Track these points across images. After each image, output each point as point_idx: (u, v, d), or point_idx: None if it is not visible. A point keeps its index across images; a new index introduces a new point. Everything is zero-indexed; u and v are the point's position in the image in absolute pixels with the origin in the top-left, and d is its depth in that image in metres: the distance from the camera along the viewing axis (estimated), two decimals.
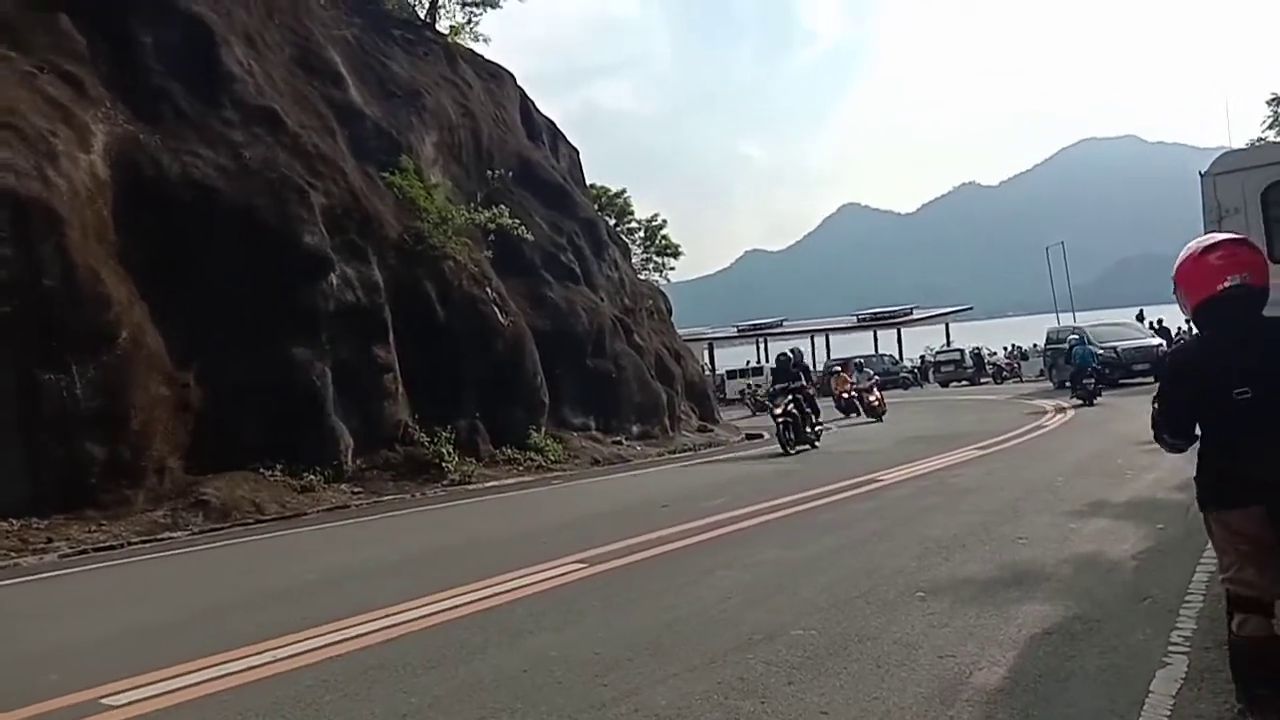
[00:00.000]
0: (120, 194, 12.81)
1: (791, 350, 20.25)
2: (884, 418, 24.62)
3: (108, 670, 4.97)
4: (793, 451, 16.98)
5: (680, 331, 33.01)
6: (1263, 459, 3.22)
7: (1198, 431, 3.48)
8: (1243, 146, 12.67)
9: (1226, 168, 4.95)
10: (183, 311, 12.83)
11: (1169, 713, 3.71)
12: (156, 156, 13.49)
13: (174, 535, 11.06)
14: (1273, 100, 20.33)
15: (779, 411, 17.58)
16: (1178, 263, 3.54)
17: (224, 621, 6.33)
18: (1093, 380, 22.74)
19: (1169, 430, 3.55)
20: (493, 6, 25.90)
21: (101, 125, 13.08)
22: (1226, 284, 3.31)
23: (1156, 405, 3.59)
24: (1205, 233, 4.89)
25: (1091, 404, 21.69)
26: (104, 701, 4.47)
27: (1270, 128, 20.43)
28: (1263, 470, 3.21)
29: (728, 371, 50.98)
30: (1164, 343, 26.77)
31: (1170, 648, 4.47)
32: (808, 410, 18.03)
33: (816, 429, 18.67)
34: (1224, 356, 3.34)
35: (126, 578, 8.78)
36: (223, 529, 11.45)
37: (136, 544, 10.59)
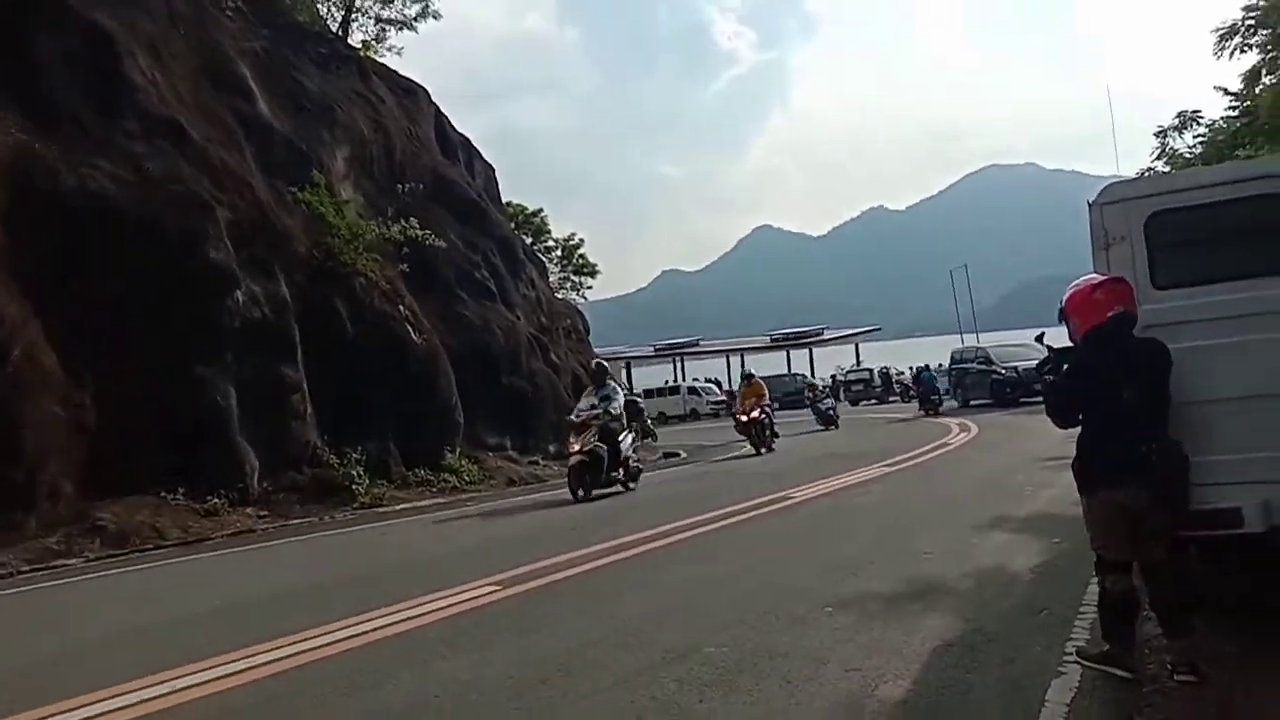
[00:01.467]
0: (12, 206, 12.28)
1: (595, 365, 16.30)
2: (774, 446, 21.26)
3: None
4: (585, 498, 13.34)
5: (598, 350, 33.03)
6: (1147, 443, 4.19)
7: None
8: (1132, 177, 13.31)
9: (1112, 198, 5.16)
10: (80, 328, 12.34)
11: None
12: (53, 167, 12.98)
13: (68, 562, 10.60)
14: (1159, 133, 21.33)
15: (576, 449, 13.67)
16: (1066, 296, 4.48)
17: (118, 652, 6.10)
18: (937, 396, 30.47)
19: (1060, 420, 4.56)
20: (408, 28, 25.73)
21: None
22: (1110, 314, 4.28)
23: (1052, 399, 4.66)
24: (1094, 258, 5.13)
25: (936, 414, 28.09)
26: None
27: (1158, 158, 21.42)
28: (1147, 451, 4.17)
29: (645, 391, 51.19)
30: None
31: (1065, 658, 4.65)
32: (620, 441, 14.05)
33: (632, 465, 14.62)
34: (1112, 369, 4.26)
35: (13, 608, 8.38)
36: (120, 555, 11.02)
37: (27, 572, 10.12)
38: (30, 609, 8.29)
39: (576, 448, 13.65)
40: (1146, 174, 17.91)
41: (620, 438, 14.05)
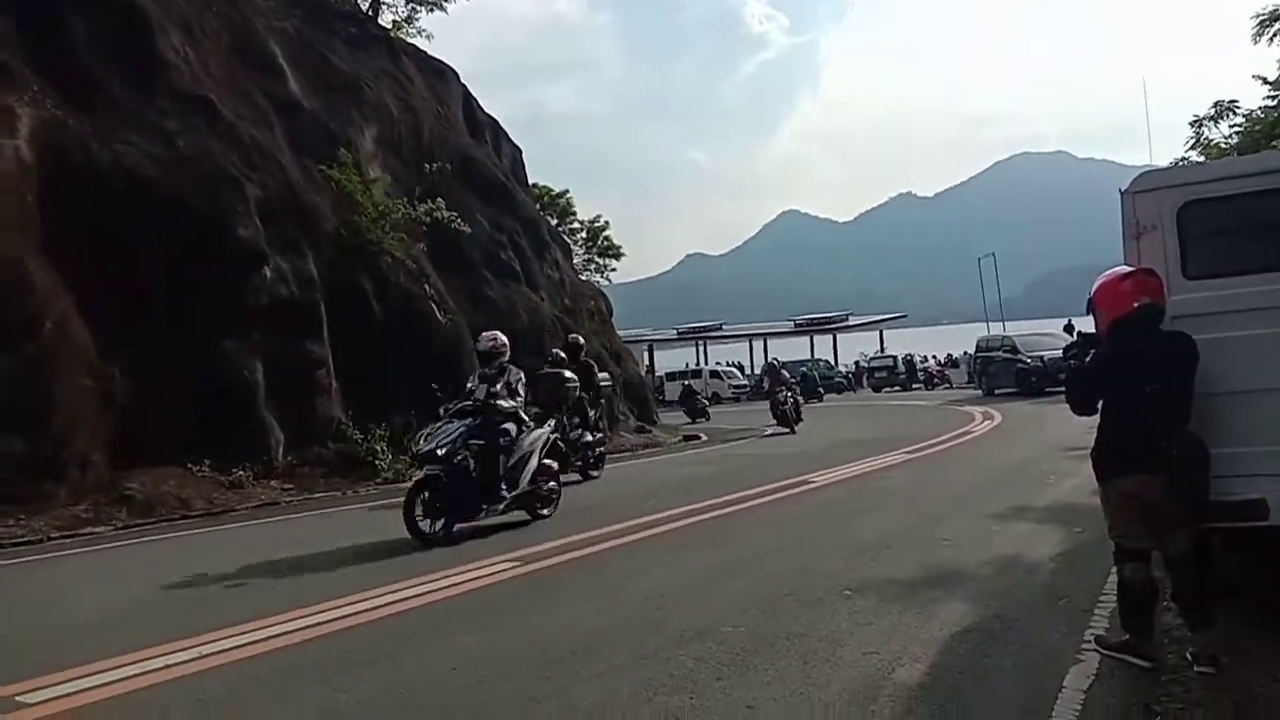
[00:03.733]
0: (46, 181, 12.42)
1: (491, 339, 10.12)
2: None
3: (23, 668, 4.85)
4: (433, 537, 8.59)
5: (620, 333, 33.01)
6: (1168, 435, 4.19)
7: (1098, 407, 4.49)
8: (1165, 166, 13.14)
9: (1145, 186, 5.11)
10: (110, 302, 12.48)
11: (1080, 706, 3.87)
12: (86, 143, 13.10)
13: (97, 530, 10.76)
14: (1194, 122, 21.04)
15: (421, 475, 8.99)
16: (1095, 286, 4.49)
17: (146, 618, 6.22)
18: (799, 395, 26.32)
19: (1080, 407, 4.57)
20: (438, 8, 25.64)
21: (28, 109, 12.66)
22: (1137, 305, 4.27)
23: (1074, 386, 4.68)
24: (1125, 248, 5.09)
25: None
26: (19, 699, 4.36)
27: (1192, 148, 21.14)
28: (1168, 444, 4.17)
29: (667, 374, 51.18)
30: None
31: (1084, 645, 4.65)
32: (510, 447, 9.51)
33: (545, 487, 10.05)
34: (1137, 360, 4.27)
35: (45, 574, 8.54)
36: (147, 525, 11.17)
37: (57, 539, 10.29)
38: (60, 575, 8.43)
39: (424, 450, 9.07)
40: (1181, 164, 17.67)
41: (515, 439, 9.62)
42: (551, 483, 10.25)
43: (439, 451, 8.79)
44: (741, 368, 56.76)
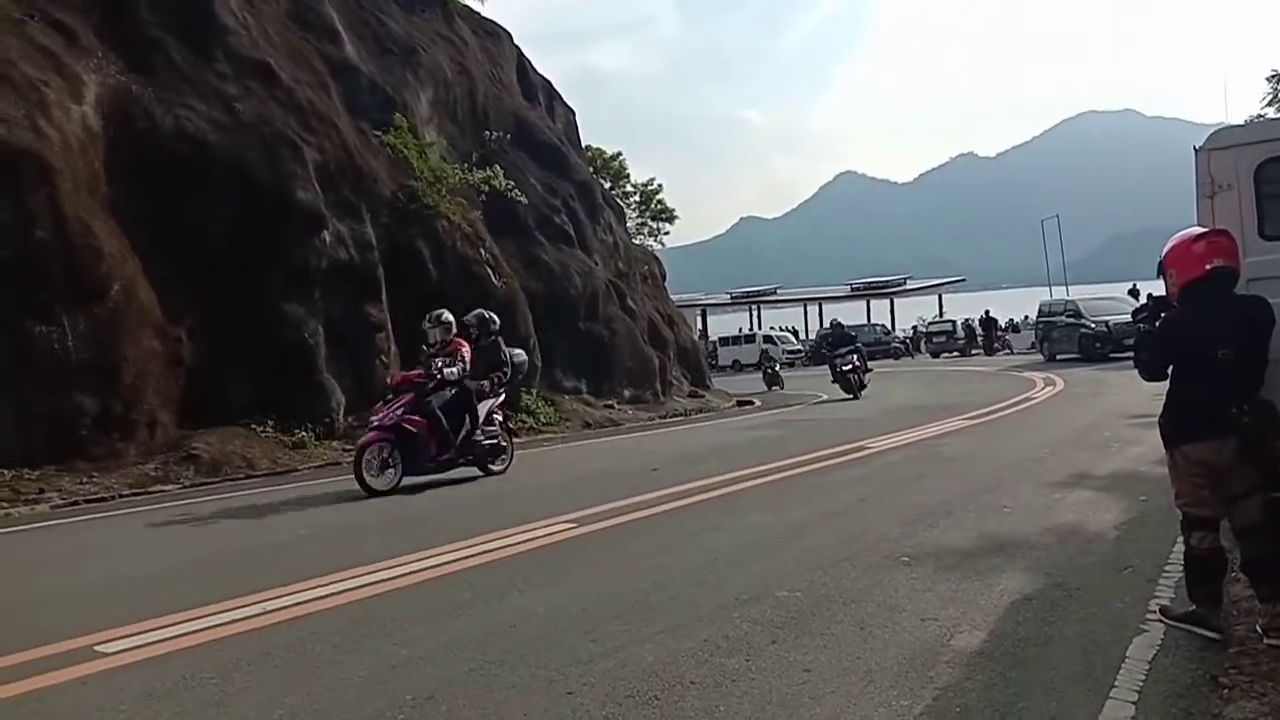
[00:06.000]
0: (112, 146, 12.69)
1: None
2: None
3: (100, 618, 5.03)
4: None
5: (674, 297, 32.95)
6: (1239, 401, 4.05)
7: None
8: (1240, 123, 12.66)
9: (1221, 143, 4.93)
10: (175, 265, 12.77)
11: (1144, 677, 3.79)
12: (149, 109, 13.34)
13: (165, 488, 11.09)
14: (1272, 77, 20.23)
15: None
16: (1167, 248, 4.32)
17: (216, 573, 6.39)
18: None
19: (1148, 372, 4.46)
20: None
21: (94, 75, 12.92)
22: (1210, 267, 4.11)
23: (1143, 350, 4.51)
24: (1198, 207, 4.92)
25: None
26: (97, 649, 4.52)
27: (1269, 104, 20.34)
28: (1239, 410, 4.03)
29: (720, 338, 51.03)
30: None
31: (1148, 615, 4.55)
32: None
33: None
34: (1209, 324, 4.12)
35: (118, 529, 8.82)
36: (213, 483, 11.48)
37: (128, 496, 10.63)
38: (130, 531, 8.69)
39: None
40: (1257, 120, 17.01)
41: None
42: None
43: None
44: (796, 332, 56.36)
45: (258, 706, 3.75)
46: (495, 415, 11.44)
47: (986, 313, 46.09)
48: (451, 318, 11.15)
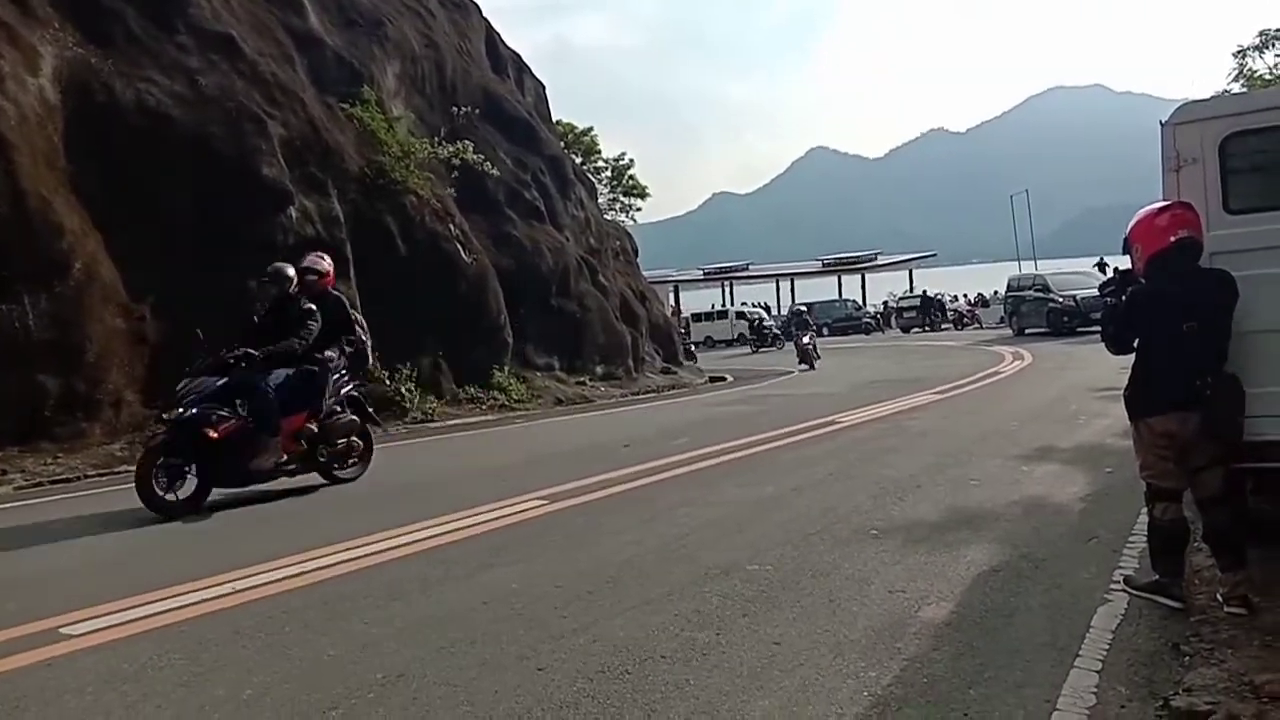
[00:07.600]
0: (71, 120, 12.41)
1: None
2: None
3: (66, 600, 4.96)
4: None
5: (646, 273, 32.90)
6: (1203, 374, 4.12)
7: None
8: (1206, 97, 12.77)
9: (1186, 118, 4.96)
10: (137, 242, 12.54)
11: (1107, 646, 3.85)
12: (109, 81, 13.05)
13: (131, 469, 10.92)
14: (1238, 53, 20.40)
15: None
16: (1132, 224, 4.37)
17: (182, 553, 6.34)
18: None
19: (1115, 345, 4.53)
20: None
21: (50, 47, 12.61)
22: (1174, 239, 4.16)
23: (1109, 323, 4.58)
24: (1163, 181, 4.95)
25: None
26: (62, 631, 4.46)
27: (1235, 80, 20.53)
28: (1203, 383, 4.10)
29: (693, 314, 51.06)
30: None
31: (1112, 585, 4.64)
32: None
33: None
34: (1174, 296, 4.18)
35: (83, 510, 8.70)
36: None
37: (93, 476, 10.50)
38: (97, 511, 8.59)
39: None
40: (1222, 95, 17.17)
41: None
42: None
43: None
44: (768, 308, 56.50)
45: (226, 686, 3.72)
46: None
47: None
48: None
